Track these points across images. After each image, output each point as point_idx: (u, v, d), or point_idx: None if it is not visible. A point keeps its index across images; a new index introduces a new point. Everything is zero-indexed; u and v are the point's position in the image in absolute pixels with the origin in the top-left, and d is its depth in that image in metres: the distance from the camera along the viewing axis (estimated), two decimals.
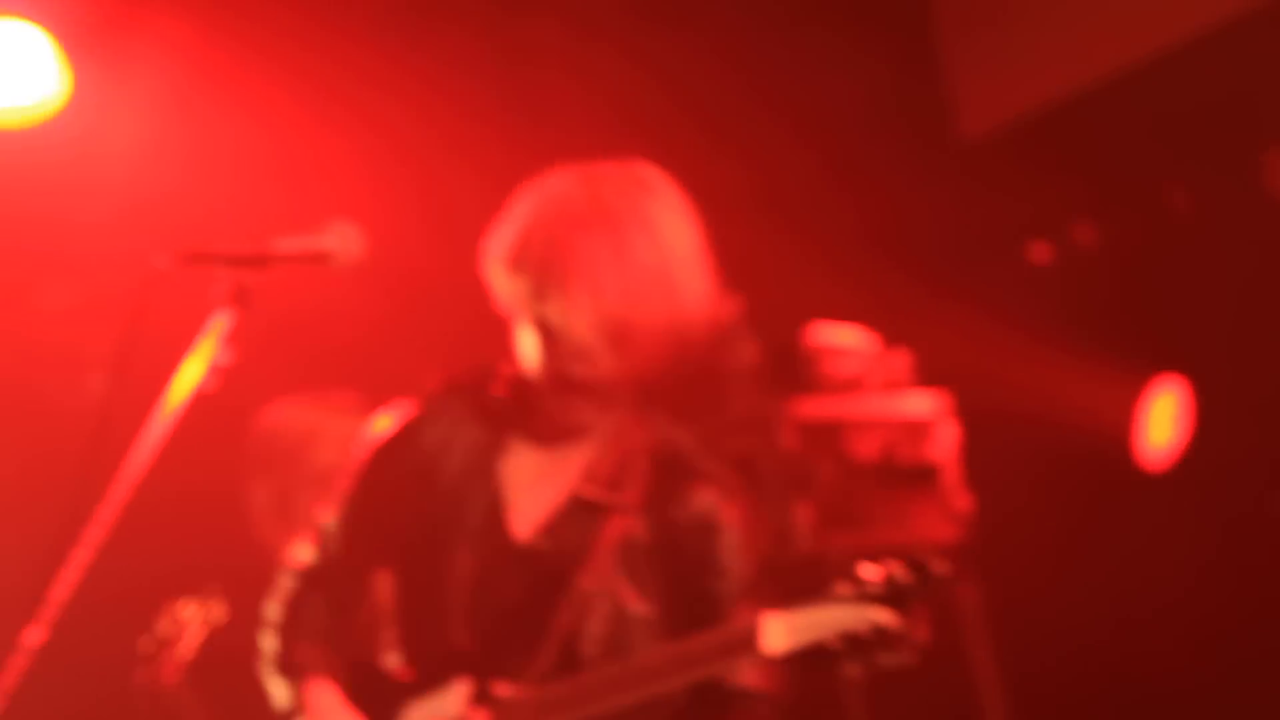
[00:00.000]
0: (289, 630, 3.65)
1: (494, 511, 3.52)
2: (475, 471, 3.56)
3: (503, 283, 3.46)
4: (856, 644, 3.09)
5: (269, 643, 3.66)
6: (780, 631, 3.14)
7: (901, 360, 5.92)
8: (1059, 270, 6.48)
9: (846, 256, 6.13)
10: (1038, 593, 5.96)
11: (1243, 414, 5.99)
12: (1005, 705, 5.76)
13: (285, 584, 3.72)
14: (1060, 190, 6.35)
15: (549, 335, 3.42)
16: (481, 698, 3.39)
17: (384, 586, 3.68)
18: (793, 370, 5.71)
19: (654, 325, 3.38)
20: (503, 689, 3.39)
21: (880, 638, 3.07)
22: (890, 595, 3.08)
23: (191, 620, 4.96)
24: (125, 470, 3.08)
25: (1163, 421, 6.21)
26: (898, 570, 3.10)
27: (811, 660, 3.14)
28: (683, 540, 3.47)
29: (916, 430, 5.77)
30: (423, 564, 3.55)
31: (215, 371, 3.22)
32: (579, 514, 3.49)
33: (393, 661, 3.59)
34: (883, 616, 3.07)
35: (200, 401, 3.17)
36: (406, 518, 3.58)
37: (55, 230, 6.35)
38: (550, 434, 3.55)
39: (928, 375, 5.81)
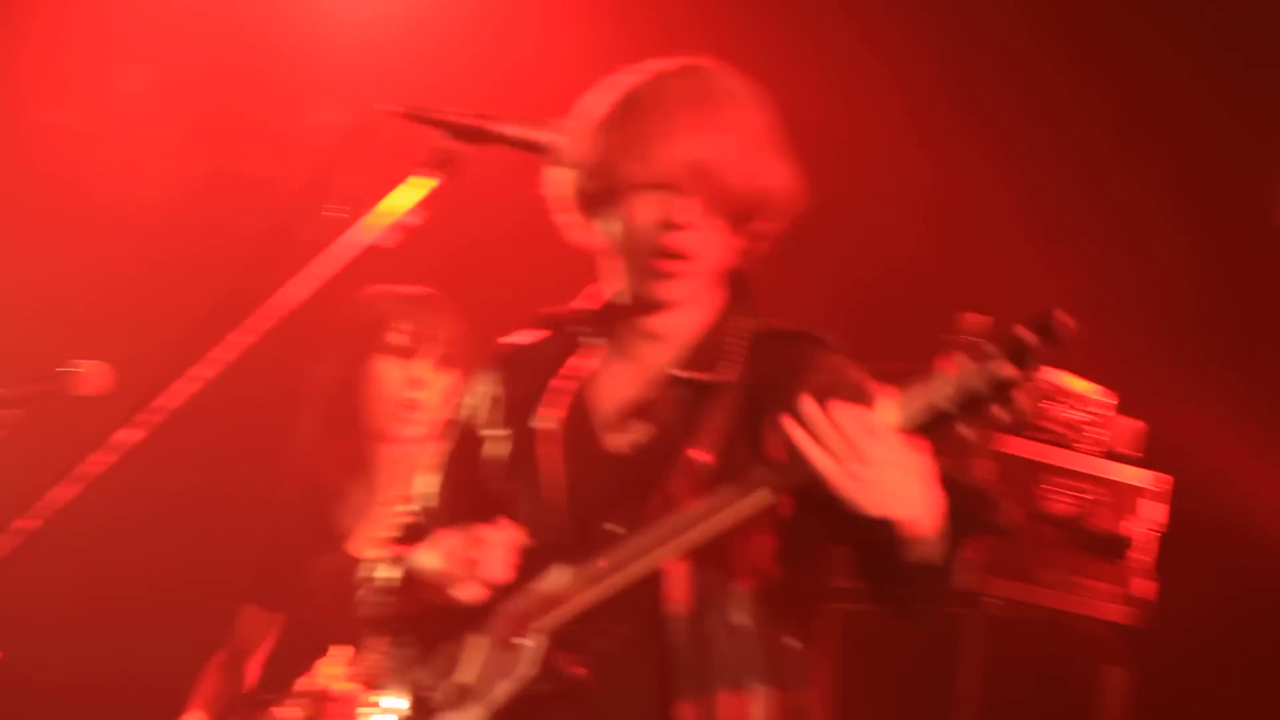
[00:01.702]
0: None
1: (581, 413, 3.47)
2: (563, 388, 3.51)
3: (583, 154, 3.38)
4: (972, 402, 3.00)
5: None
6: (892, 409, 3.05)
7: (1131, 428, 5.68)
8: None
9: (1117, 313, 5.90)
10: (1190, 700, 5.76)
11: None
12: None
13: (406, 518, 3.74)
14: None
15: (626, 197, 3.35)
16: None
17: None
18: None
19: (732, 174, 3.32)
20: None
21: (997, 391, 2.97)
22: (1009, 352, 2.98)
23: None
24: (280, 294, 3.12)
25: None
26: (1019, 329, 3.00)
27: (929, 427, 3.04)
28: (786, 404, 3.29)
29: (1122, 498, 5.55)
30: (526, 479, 3.51)
31: (399, 229, 3.24)
32: (677, 396, 3.43)
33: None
34: (1003, 370, 2.97)
35: (372, 255, 3.19)
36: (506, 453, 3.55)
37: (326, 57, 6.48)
38: (634, 335, 3.49)
39: (1155, 455, 5.56)
